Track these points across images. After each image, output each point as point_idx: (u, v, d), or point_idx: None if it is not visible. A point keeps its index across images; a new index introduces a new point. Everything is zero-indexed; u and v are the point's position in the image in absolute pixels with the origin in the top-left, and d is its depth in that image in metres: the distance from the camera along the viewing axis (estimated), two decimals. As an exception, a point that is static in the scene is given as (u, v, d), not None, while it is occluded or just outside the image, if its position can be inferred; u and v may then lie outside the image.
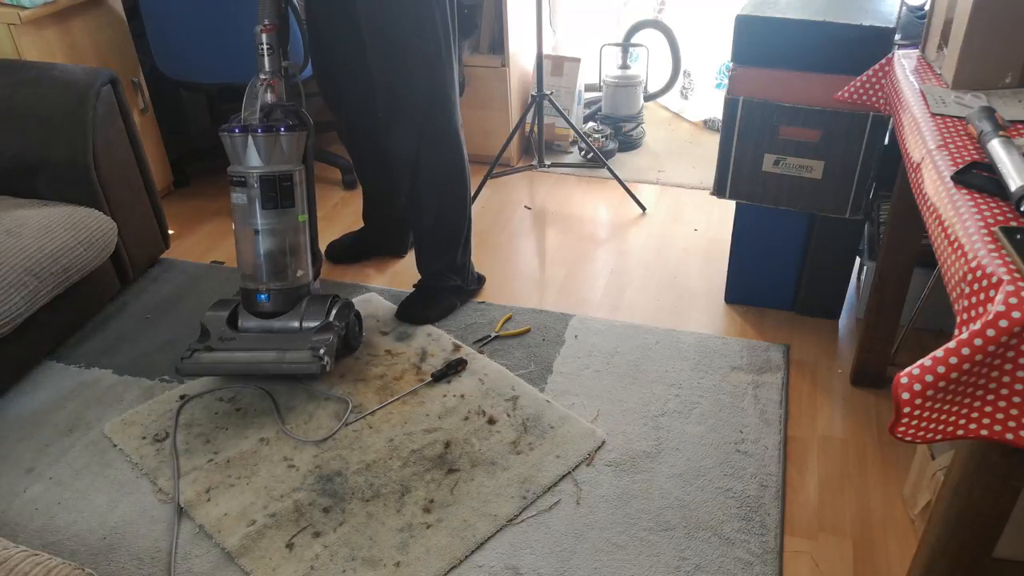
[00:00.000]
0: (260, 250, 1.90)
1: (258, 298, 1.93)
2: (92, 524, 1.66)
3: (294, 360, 1.87)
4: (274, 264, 1.92)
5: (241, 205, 1.89)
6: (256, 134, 1.85)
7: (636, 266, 2.47)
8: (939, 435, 0.93)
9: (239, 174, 1.88)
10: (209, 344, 1.90)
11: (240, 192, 1.88)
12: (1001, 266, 0.90)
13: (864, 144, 1.90)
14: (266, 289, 1.92)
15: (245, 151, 1.86)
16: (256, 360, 1.88)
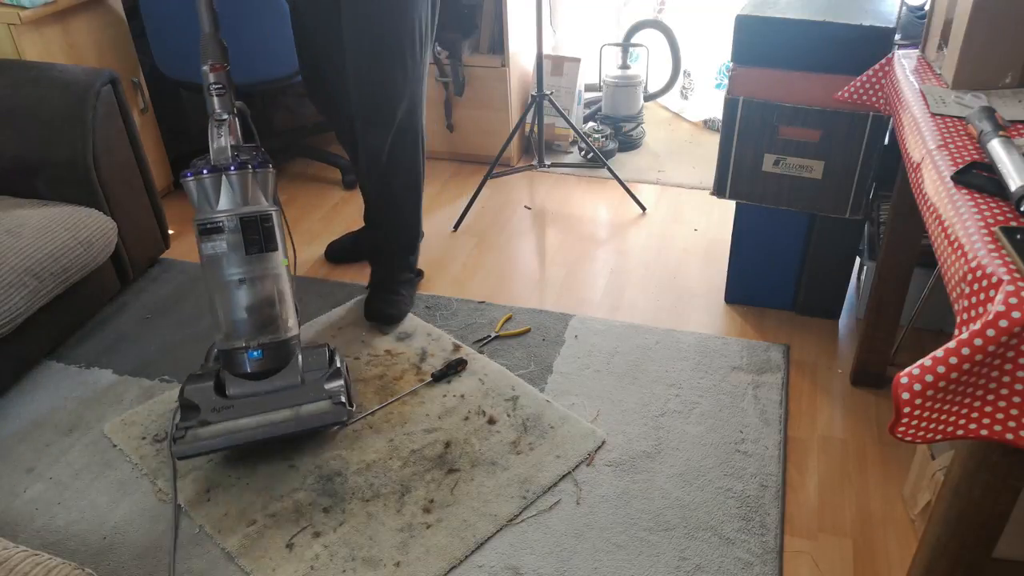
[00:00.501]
0: (246, 302, 1.71)
1: (249, 356, 1.73)
2: (92, 524, 1.66)
3: (314, 413, 1.72)
4: (264, 316, 1.73)
5: (217, 255, 1.69)
6: (229, 173, 1.70)
7: (636, 266, 2.47)
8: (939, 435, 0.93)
9: (213, 220, 1.69)
10: (202, 419, 1.68)
11: (215, 241, 1.69)
12: (1001, 266, 0.90)
13: (864, 144, 1.90)
14: (257, 345, 1.73)
15: (218, 194, 1.70)
16: (269, 422, 1.70)
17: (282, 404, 1.73)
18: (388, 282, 2.25)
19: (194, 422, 1.67)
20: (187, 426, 1.67)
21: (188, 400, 1.71)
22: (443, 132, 3.09)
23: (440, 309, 2.28)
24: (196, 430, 1.67)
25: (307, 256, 2.57)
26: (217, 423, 1.68)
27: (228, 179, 1.71)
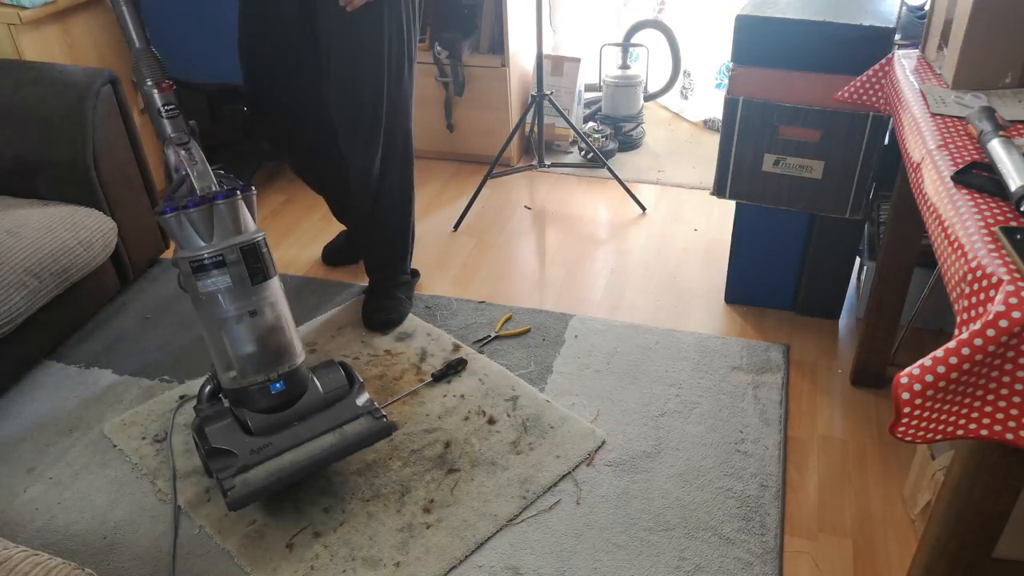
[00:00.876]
0: (257, 334, 1.60)
1: (272, 389, 1.62)
2: (92, 524, 1.66)
3: (359, 431, 1.65)
4: (277, 345, 1.63)
5: (221, 291, 1.57)
6: (218, 202, 1.56)
7: (636, 266, 2.47)
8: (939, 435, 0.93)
9: (213, 255, 1.55)
10: (243, 463, 1.55)
11: (216, 276, 1.56)
12: (1001, 266, 0.90)
13: (864, 144, 1.90)
14: (278, 376, 1.63)
15: (210, 226, 1.56)
16: (317, 451, 1.61)
17: (321, 429, 1.64)
18: (384, 287, 2.25)
19: (234, 469, 1.55)
20: (230, 475, 1.54)
21: (219, 448, 1.56)
22: (443, 132, 3.09)
23: (440, 309, 2.28)
24: (244, 476, 1.54)
25: (307, 256, 2.57)
26: (262, 463, 1.57)
27: (217, 209, 1.57)
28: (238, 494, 1.51)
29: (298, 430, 1.62)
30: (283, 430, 1.62)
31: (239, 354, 1.60)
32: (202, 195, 1.58)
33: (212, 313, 1.59)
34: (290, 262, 2.53)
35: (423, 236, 2.67)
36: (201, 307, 1.60)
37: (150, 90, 1.63)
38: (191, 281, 1.58)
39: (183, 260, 1.57)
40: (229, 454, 1.56)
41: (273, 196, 2.94)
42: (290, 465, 1.58)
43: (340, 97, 1.94)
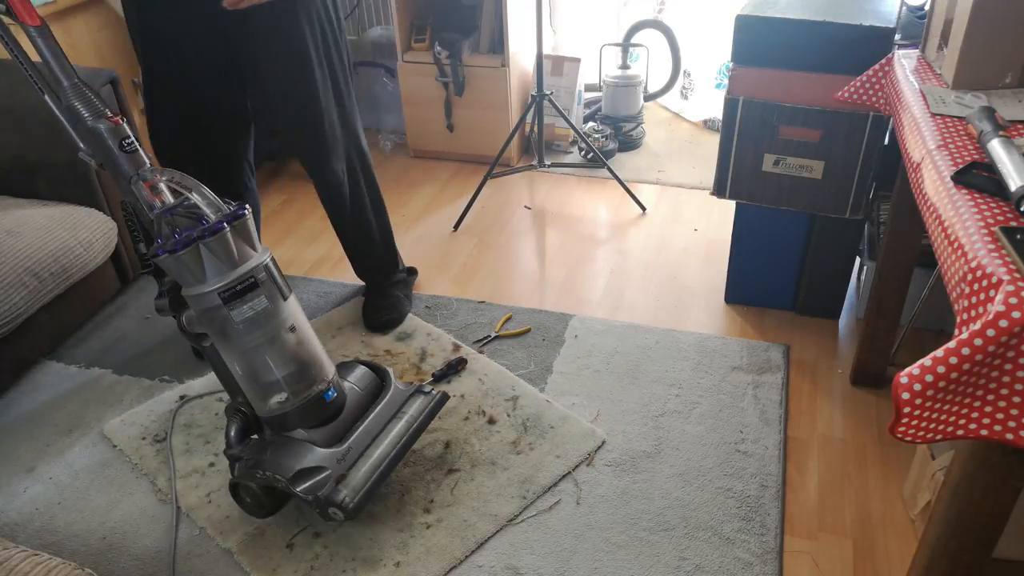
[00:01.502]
0: (298, 349, 1.55)
1: (326, 398, 1.58)
2: (92, 524, 1.66)
3: (421, 409, 1.68)
4: (314, 354, 1.59)
5: (258, 314, 1.48)
6: (229, 225, 1.45)
7: (636, 266, 2.47)
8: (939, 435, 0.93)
9: (244, 278, 1.45)
10: (339, 474, 1.52)
11: (253, 299, 1.46)
12: (1001, 266, 0.90)
13: (864, 144, 1.90)
14: (328, 384, 1.59)
15: (229, 251, 1.45)
16: (396, 441, 1.61)
17: (386, 419, 1.64)
18: (380, 287, 2.25)
19: (331, 481, 1.50)
20: (331, 488, 1.50)
21: (304, 470, 1.50)
22: (443, 132, 3.09)
23: (440, 309, 2.28)
24: (345, 484, 1.51)
25: (307, 256, 2.57)
26: (355, 469, 1.54)
27: (235, 231, 1.47)
28: (353, 500, 1.48)
29: (365, 429, 1.60)
30: (350, 434, 1.58)
31: (285, 374, 1.52)
32: (219, 221, 1.44)
33: (245, 343, 1.48)
34: (290, 262, 2.53)
35: (423, 236, 2.67)
36: (228, 342, 1.49)
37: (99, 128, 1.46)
38: (219, 314, 1.45)
39: (207, 295, 1.43)
40: (318, 470, 1.50)
41: (273, 196, 2.94)
42: (382, 458, 1.57)
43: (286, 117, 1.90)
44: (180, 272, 1.44)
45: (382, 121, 3.41)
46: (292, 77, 1.83)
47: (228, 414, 1.61)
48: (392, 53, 3.11)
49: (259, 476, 1.51)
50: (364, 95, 3.37)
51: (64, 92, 1.46)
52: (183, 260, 1.42)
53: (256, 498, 1.57)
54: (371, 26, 3.40)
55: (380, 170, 3.11)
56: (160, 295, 1.56)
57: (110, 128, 1.46)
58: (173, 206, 1.47)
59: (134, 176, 1.47)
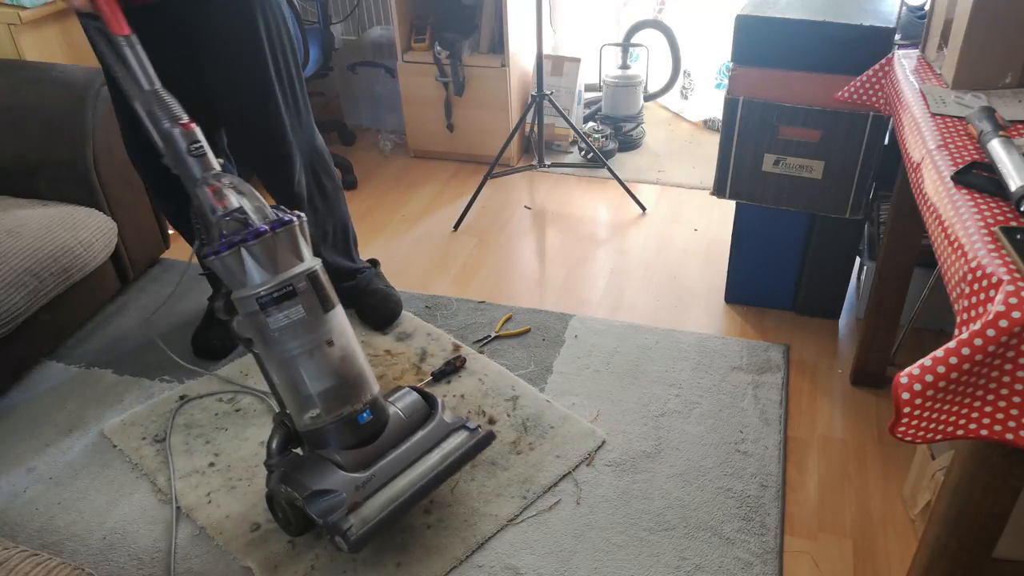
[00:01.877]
0: (337, 364, 1.51)
1: (360, 420, 1.53)
2: (92, 524, 1.66)
3: (459, 446, 1.60)
4: (356, 373, 1.54)
5: (294, 323, 1.46)
6: (277, 232, 1.46)
7: (636, 266, 2.47)
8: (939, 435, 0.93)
9: (282, 285, 1.44)
10: (353, 501, 1.47)
11: (289, 308, 1.45)
12: (1001, 266, 0.90)
13: (864, 144, 1.90)
14: (364, 406, 1.54)
15: (273, 257, 1.45)
16: (425, 473, 1.54)
17: (420, 452, 1.57)
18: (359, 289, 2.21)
19: (344, 508, 1.45)
20: (342, 515, 1.45)
21: (321, 490, 1.46)
22: (443, 132, 3.09)
23: (440, 309, 2.28)
24: (356, 514, 1.46)
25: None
26: (372, 498, 1.49)
27: (279, 238, 1.46)
28: (358, 533, 1.43)
29: (396, 458, 1.54)
30: (379, 461, 1.53)
31: (320, 389, 1.50)
32: (262, 226, 1.45)
33: (283, 352, 1.47)
34: (290, 262, 2.52)
35: (423, 236, 2.67)
36: (269, 349, 1.48)
37: (171, 131, 1.50)
38: (258, 320, 1.45)
39: (247, 299, 1.44)
40: (333, 494, 1.46)
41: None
42: (402, 492, 1.51)
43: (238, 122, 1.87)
44: (226, 275, 1.46)
45: (382, 121, 3.41)
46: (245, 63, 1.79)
47: (274, 423, 1.59)
48: (392, 53, 3.11)
49: (283, 491, 1.50)
50: (364, 95, 3.37)
51: (145, 97, 1.52)
52: (226, 262, 1.44)
53: (285, 513, 1.56)
54: (371, 26, 3.40)
55: (380, 170, 3.12)
56: (217, 298, 1.57)
57: (182, 132, 1.51)
58: (232, 211, 1.48)
59: (199, 179, 1.51)
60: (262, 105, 1.82)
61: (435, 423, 1.62)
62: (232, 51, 1.77)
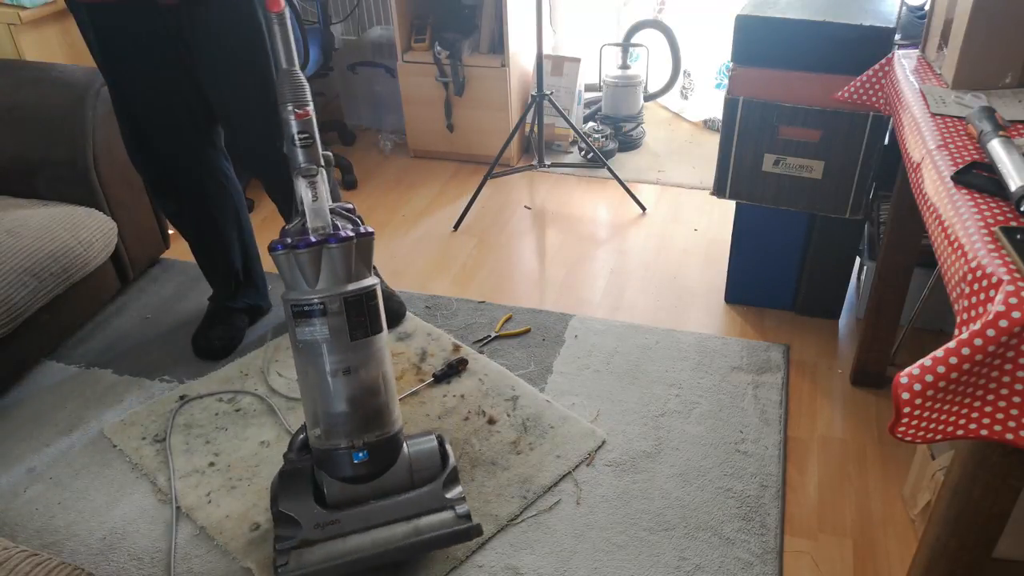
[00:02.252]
0: (349, 394, 1.46)
1: (354, 459, 1.48)
2: (92, 524, 1.66)
3: (436, 527, 1.48)
4: (369, 409, 1.48)
5: (315, 342, 1.44)
6: (330, 246, 1.44)
7: (636, 266, 2.47)
8: (939, 435, 0.93)
9: (310, 302, 1.43)
10: (305, 537, 1.43)
11: (315, 324, 1.43)
12: (1001, 266, 0.90)
13: (864, 144, 1.90)
14: (363, 445, 1.48)
15: (316, 270, 1.44)
16: (384, 541, 1.45)
17: (396, 515, 1.49)
18: None
19: (295, 541, 1.43)
20: (288, 547, 1.43)
21: (286, 514, 1.46)
22: (443, 132, 3.09)
23: (440, 309, 2.28)
24: (300, 553, 1.42)
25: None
26: (322, 541, 1.44)
27: (329, 253, 1.44)
28: (287, 572, 1.40)
29: (372, 511, 1.49)
30: (357, 506, 1.49)
31: (327, 411, 1.47)
32: (315, 237, 1.45)
33: (307, 361, 1.46)
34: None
35: (423, 236, 2.67)
36: (298, 354, 1.48)
37: (288, 115, 1.50)
38: (289, 322, 1.47)
39: (285, 302, 1.46)
40: (294, 523, 1.45)
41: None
42: (353, 553, 1.43)
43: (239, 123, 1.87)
44: (280, 270, 1.48)
45: (382, 121, 3.41)
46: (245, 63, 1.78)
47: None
48: (392, 53, 3.11)
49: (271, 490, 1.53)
50: (364, 95, 3.37)
51: (279, 76, 1.53)
52: (279, 260, 1.46)
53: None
54: (371, 26, 3.40)
55: (380, 170, 3.12)
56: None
57: (296, 120, 1.50)
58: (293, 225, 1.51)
59: (296, 169, 1.51)
60: (262, 106, 1.81)
61: (430, 490, 1.53)
62: (232, 52, 1.77)
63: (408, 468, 1.54)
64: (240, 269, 2.18)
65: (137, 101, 1.84)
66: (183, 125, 1.89)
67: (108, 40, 1.77)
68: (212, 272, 2.19)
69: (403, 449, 1.55)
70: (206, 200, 2.03)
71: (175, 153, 1.93)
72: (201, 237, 2.12)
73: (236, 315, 2.20)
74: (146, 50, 1.76)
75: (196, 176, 1.99)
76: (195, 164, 1.98)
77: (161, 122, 1.87)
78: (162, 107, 1.85)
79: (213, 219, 2.07)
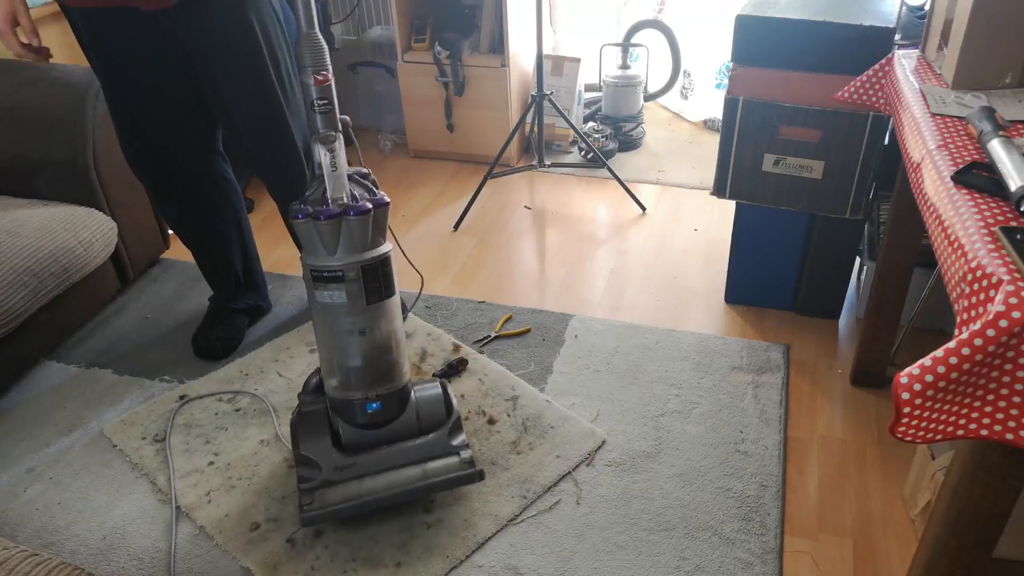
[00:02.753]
0: (364, 351, 1.57)
1: (368, 408, 1.61)
2: (92, 524, 1.66)
3: (443, 471, 1.61)
4: (381, 364, 1.60)
5: (334, 305, 1.53)
6: (349, 217, 1.49)
7: (636, 266, 2.47)
8: (939, 435, 0.93)
9: (332, 268, 1.50)
10: (325, 478, 1.57)
11: (334, 289, 1.52)
12: (1001, 266, 0.90)
13: (864, 144, 1.90)
14: (376, 396, 1.61)
15: (336, 239, 1.50)
16: (399, 482, 1.59)
17: (407, 459, 1.62)
18: None
19: (317, 482, 1.56)
20: (311, 487, 1.55)
21: (307, 457, 1.58)
22: (443, 132, 3.09)
23: (440, 309, 2.28)
24: (323, 492, 1.55)
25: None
26: (342, 483, 1.57)
27: (348, 224, 1.49)
28: (312, 511, 1.52)
29: (385, 454, 1.62)
30: (372, 450, 1.62)
31: (343, 366, 1.58)
32: (335, 207, 1.49)
33: (325, 320, 1.56)
34: (289, 263, 2.53)
35: (423, 236, 2.67)
36: (316, 312, 1.57)
37: (307, 79, 1.51)
38: (310, 285, 1.54)
39: (305, 264, 1.53)
40: (315, 466, 1.57)
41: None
42: (371, 492, 1.56)
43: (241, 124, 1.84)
44: (301, 235, 1.53)
45: (382, 121, 3.41)
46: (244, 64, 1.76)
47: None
48: (392, 53, 3.11)
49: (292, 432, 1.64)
50: (364, 95, 3.37)
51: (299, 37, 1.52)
52: (300, 228, 1.51)
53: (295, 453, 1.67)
54: (371, 26, 3.40)
55: (380, 170, 3.12)
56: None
57: (315, 85, 1.51)
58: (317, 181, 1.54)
59: (315, 135, 1.54)
60: (264, 106, 1.81)
61: (437, 437, 1.65)
62: (230, 52, 1.75)
63: (416, 415, 1.66)
64: (240, 270, 2.18)
65: (134, 104, 1.82)
66: (182, 128, 1.89)
67: (103, 44, 1.75)
68: (212, 273, 2.18)
69: (410, 397, 1.67)
70: (206, 202, 2.03)
71: (175, 156, 1.92)
72: (201, 239, 2.12)
73: (236, 316, 2.20)
74: (142, 53, 1.75)
75: (196, 178, 1.99)
76: (195, 166, 1.97)
77: (160, 125, 1.86)
78: (160, 111, 1.84)
79: (213, 221, 2.07)
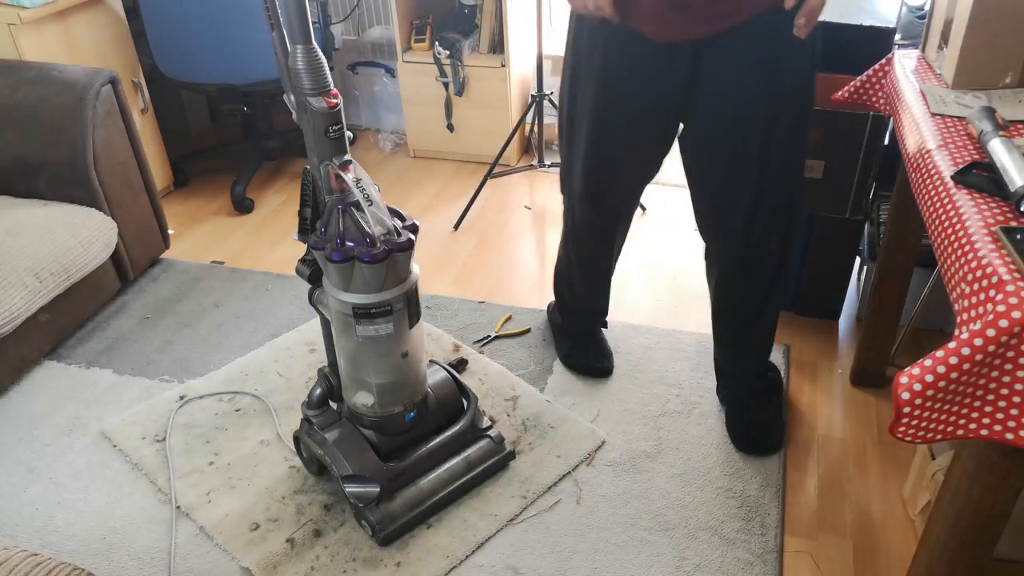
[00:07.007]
0: (406, 370, 1.56)
1: (407, 418, 1.61)
2: (92, 524, 1.66)
3: (483, 457, 1.69)
4: (417, 376, 1.61)
5: (381, 336, 1.48)
6: (394, 254, 1.42)
7: (636, 266, 2.47)
8: (939, 435, 0.93)
9: (383, 304, 1.44)
10: (387, 493, 1.59)
11: (380, 323, 1.46)
12: (1002, 266, 0.90)
13: (864, 144, 1.89)
14: (412, 406, 1.62)
15: (382, 277, 1.43)
16: (450, 477, 1.65)
17: (448, 452, 1.67)
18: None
19: (375, 498, 1.57)
20: (376, 508, 1.57)
21: (358, 476, 1.55)
22: (443, 132, 3.09)
23: (440, 309, 2.28)
24: (386, 506, 1.58)
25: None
26: (404, 492, 1.61)
27: (393, 258, 1.42)
28: (388, 530, 1.56)
29: (426, 453, 1.64)
30: (411, 453, 1.63)
31: (384, 385, 1.55)
32: (381, 249, 1.39)
33: (365, 350, 1.50)
34: (289, 263, 2.53)
35: (423, 236, 2.67)
36: (354, 345, 1.50)
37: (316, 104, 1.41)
38: (347, 320, 1.46)
39: (343, 303, 1.44)
40: (369, 481, 1.55)
41: (272, 197, 2.94)
42: (428, 494, 1.62)
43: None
44: (328, 272, 1.45)
45: (382, 121, 3.41)
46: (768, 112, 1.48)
47: (319, 376, 1.67)
48: (392, 53, 3.11)
49: (317, 453, 1.62)
50: (364, 95, 3.37)
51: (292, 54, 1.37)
52: (339, 269, 1.42)
53: (311, 456, 1.70)
54: (371, 26, 3.40)
55: (380, 170, 3.12)
56: (304, 262, 1.54)
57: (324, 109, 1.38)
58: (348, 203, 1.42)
59: (327, 161, 1.42)
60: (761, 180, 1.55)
61: (466, 425, 1.69)
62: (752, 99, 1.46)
63: (436, 405, 1.68)
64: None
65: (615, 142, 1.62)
66: (646, 178, 1.74)
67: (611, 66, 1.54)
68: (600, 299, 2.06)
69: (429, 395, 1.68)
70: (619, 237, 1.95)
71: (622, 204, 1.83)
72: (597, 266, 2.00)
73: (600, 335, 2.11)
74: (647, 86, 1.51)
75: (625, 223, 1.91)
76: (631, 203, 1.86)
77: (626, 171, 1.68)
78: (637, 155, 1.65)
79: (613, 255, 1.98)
